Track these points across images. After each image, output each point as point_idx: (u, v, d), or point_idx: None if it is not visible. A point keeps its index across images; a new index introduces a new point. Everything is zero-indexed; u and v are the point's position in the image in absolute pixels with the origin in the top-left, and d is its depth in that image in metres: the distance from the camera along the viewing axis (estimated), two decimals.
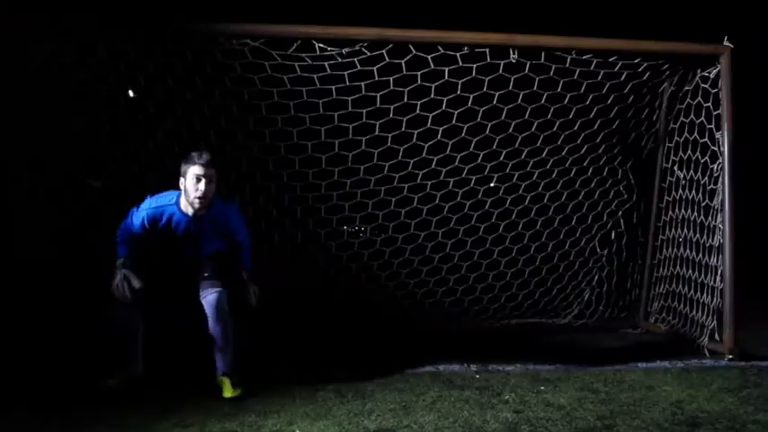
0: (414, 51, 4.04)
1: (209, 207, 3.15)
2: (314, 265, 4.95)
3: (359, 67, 4.11)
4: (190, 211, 3.14)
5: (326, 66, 4.09)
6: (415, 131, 4.52)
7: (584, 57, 4.21)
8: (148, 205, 3.17)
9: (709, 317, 4.08)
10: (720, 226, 4.04)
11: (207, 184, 3.05)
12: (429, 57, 4.08)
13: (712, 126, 4.15)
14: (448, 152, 4.66)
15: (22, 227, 4.29)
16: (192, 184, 3.05)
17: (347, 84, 4.21)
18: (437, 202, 4.85)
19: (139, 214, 3.16)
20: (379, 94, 4.30)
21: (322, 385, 3.20)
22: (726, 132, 4.04)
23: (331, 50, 3.96)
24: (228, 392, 3.02)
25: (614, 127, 4.80)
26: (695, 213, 4.35)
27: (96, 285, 4.45)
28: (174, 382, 3.30)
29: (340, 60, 4.05)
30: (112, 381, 3.17)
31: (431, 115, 4.47)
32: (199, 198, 3.05)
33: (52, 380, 3.36)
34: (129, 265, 3.14)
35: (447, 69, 4.20)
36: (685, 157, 4.50)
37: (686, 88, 4.49)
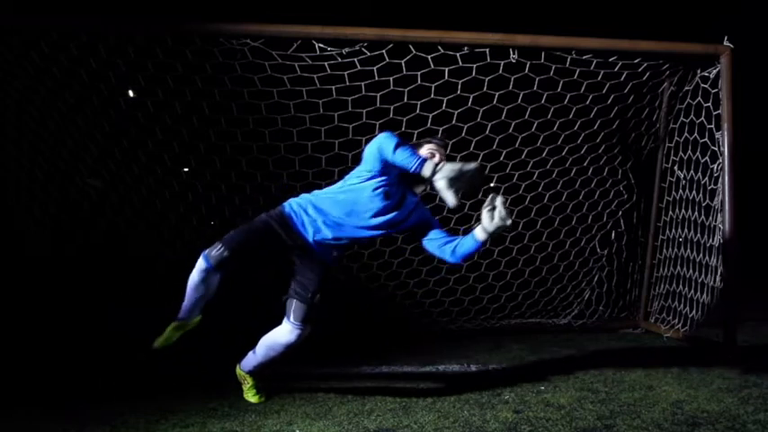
0: (414, 51, 4.04)
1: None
2: None
3: (359, 67, 4.11)
4: (420, 189, 3.05)
5: (326, 66, 4.10)
6: (415, 131, 4.52)
7: (584, 57, 4.21)
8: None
9: (709, 317, 4.08)
10: (720, 226, 4.04)
11: (440, 158, 3.01)
12: (429, 57, 4.08)
13: (712, 126, 4.15)
14: (448, 152, 4.65)
15: (22, 226, 4.30)
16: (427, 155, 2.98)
17: (347, 84, 4.21)
18: (437, 201, 4.84)
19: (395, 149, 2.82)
20: (379, 94, 4.30)
21: (322, 385, 3.20)
22: (726, 132, 4.04)
23: (331, 50, 3.96)
24: (253, 397, 2.99)
25: (614, 127, 4.80)
26: (695, 213, 4.36)
27: (96, 285, 4.49)
28: (174, 382, 3.30)
29: (340, 60, 4.05)
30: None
31: (431, 115, 4.48)
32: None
33: (52, 380, 3.36)
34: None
35: (447, 69, 4.20)
36: (685, 157, 4.50)
37: (686, 88, 4.49)
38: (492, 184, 4.96)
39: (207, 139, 4.54)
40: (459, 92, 4.41)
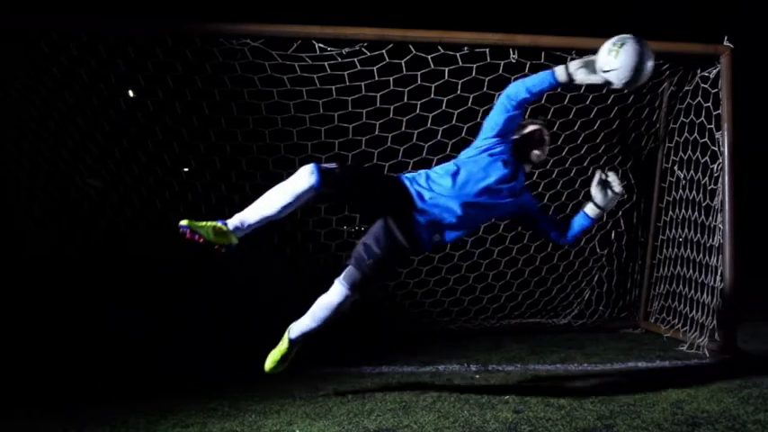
0: (414, 51, 4.04)
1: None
2: (313, 265, 4.96)
3: (359, 67, 4.11)
4: (527, 168, 3.06)
5: (326, 66, 4.10)
6: (415, 131, 4.52)
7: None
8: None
9: (710, 317, 4.08)
10: (720, 226, 4.04)
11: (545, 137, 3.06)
12: (429, 57, 4.08)
13: (712, 126, 4.15)
14: (448, 152, 4.66)
15: (22, 226, 4.30)
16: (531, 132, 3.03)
17: (347, 84, 4.21)
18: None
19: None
20: (379, 94, 4.30)
21: (322, 385, 3.19)
22: (726, 132, 4.04)
23: (331, 50, 3.96)
24: (272, 363, 2.95)
25: (614, 127, 4.81)
26: (695, 213, 4.35)
27: (96, 285, 4.49)
28: (174, 382, 3.30)
29: (340, 60, 4.05)
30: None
31: (431, 115, 4.48)
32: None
33: (52, 380, 3.36)
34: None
35: (447, 69, 4.20)
36: (685, 157, 4.50)
37: (686, 88, 4.49)
38: None
39: (207, 139, 4.54)
40: (459, 92, 4.41)
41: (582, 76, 2.73)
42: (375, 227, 2.90)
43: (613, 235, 5.09)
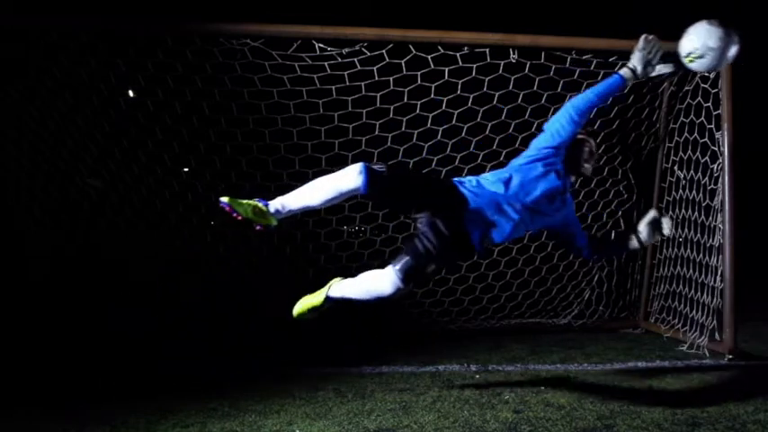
0: (414, 51, 4.04)
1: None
2: (313, 265, 4.95)
3: (359, 67, 4.11)
4: (573, 179, 3.04)
5: (326, 66, 4.10)
6: (415, 131, 4.52)
7: (584, 57, 4.21)
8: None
9: (709, 317, 4.08)
10: (720, 226, 4.04)
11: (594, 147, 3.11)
12: (429, 57, 4.09)
13: (712, 126, 4.15)
14: (448, 152, 4.66)
15: (22, 226, 4.30)
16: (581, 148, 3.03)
17: (347, 84, 4.22)
18: None
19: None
20: (379, 94, 4.30)
21: (322, 385, 3.20)
22: (726, 132, 4.04)
23: (331, 50, 3.97)
24: (300, 309, 2.90)
25: (614, 127, 4.81)
26: (695, 213, 4.35)
27: (96, 285, 4.49)
28: (174, 382, 3.30)
29: (340, 60, 4.05)
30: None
31: (431, 115, 4.48)
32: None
33: (52, 380, 3.36)
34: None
35: (447, 69, 4.21)
36: (685, 157, 4.50)
37: (686, 88, 4.49)
38: None
39: (207, 139, 4.54)
40: (459, 92, 4.41)
41: (649, 73, 2.91)
42: (424, 227, 2.81)
43: (613, 235, 5.08)
